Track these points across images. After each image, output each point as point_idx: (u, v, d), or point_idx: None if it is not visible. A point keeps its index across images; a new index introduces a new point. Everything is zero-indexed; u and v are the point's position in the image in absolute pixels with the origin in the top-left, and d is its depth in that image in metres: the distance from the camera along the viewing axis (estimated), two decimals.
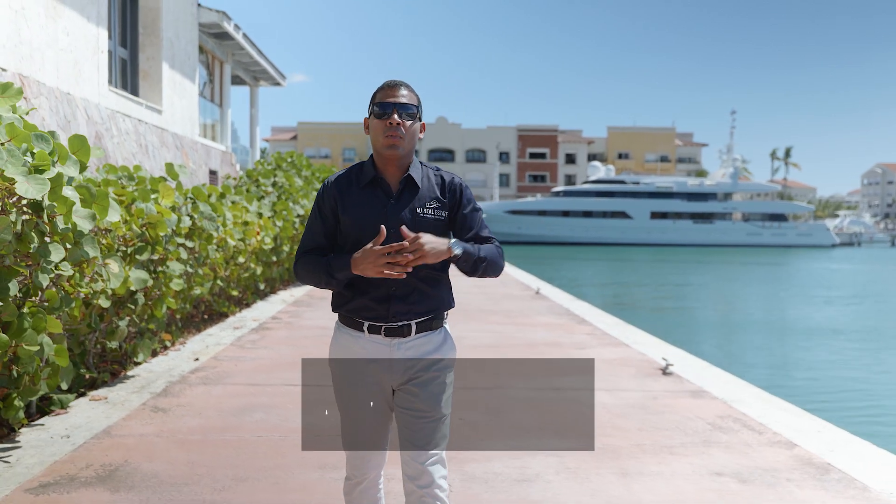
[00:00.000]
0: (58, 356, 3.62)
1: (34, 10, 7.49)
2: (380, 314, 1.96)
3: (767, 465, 3.49)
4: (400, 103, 1.95)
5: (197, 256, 6.09)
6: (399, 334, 1.97)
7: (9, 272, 3.05)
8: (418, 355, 1.99)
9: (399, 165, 2.01)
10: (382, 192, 2.00)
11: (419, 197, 2.01)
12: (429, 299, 2.00)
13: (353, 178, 2.03)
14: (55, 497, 2.97)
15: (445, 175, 2.08)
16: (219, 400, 4.58)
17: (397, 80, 2.03)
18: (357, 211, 1.98)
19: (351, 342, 2.01)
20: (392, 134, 1.95)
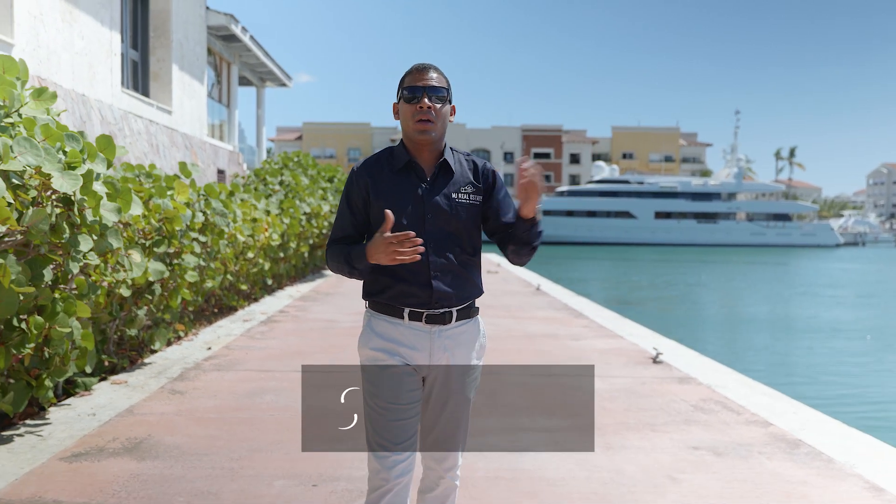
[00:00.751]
0: (84, 339, 3.91)
1: (51, 15, 7.79)
2: (422, 300, 1.92)
3: (742, 440, 3.76)
4: (430, 86, 1.92)
5: (209, 251, 6.39)
6: (441, 321, 1.94)
7: (44, 260, 3.34)
8: (457, 344, 1.97)
9: (431, 150, 1.97)
10: (416, 176, 1.96)
11: (454, 182, 1.98)
12: (467, 285, 1.98)
13: (385, 163, 1.99)
14: (87, 465, 3.26)
15: (477, 160, 2.06)
16: (231, 384, 4.87)
17: (426, 62, 1.99)
18: (391, 196, 1.93)
19: (389, 328, 1.95)
20: (423, 118, 1.91)
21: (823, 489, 3.08)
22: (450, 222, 1.94)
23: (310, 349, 6.19)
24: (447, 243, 1.94)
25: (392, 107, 2.01)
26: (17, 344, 3.32)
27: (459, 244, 1.96)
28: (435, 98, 1.92)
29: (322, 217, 11.98)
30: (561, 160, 76.22)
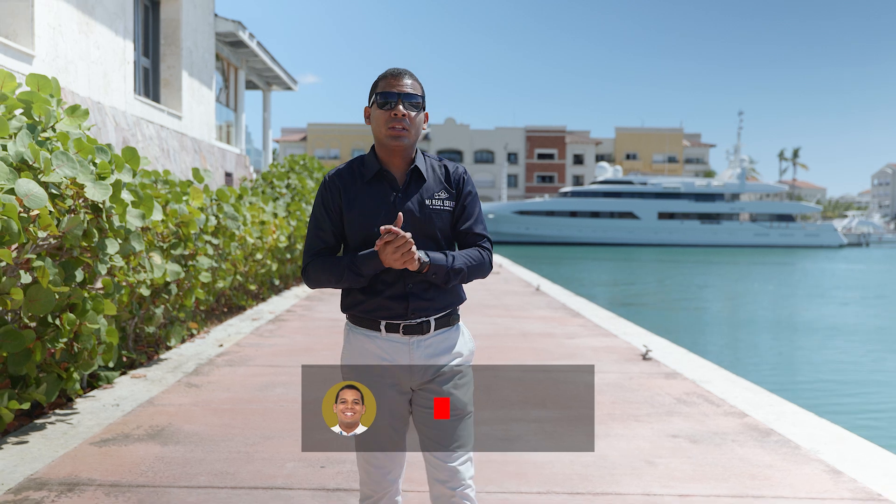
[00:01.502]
0: (109, 335, 4.23)
1: (69, 26, 8.12)
2: (398, 312, 1.89)
3: (718, 429, 4.05)
4: (405, 93, 1.88)
5: (221, 252, 6.71)
6: (418, 332, 1.90)
7: (75, 262, 3.66)
8: (438, 352, 1.93)
9: (404, 157, 1.94)
10: (388, 184, 1.93)
11: (426, 188, 1.94)
12: (446, 294, 1.94)
13: (356, 172, 1.96)
14: (115, 449, 3.57)
15: (449, 165, 2.01)
16: (243, 378, 5.19)
17: (400, 68, 1.94)
18: (364, 206, 1.91)
19: (366, 342, 1.92)
20: (398, 126, 1.87)
21: (786, 472, 3.38)
22: (424, 230, 1.90)
23: (316, 346, 6.50)
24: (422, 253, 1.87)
25: (364, 111, 1.98)
26: (52, 339, 3.63)
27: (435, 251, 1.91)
28: (409, 105, 1.89)
29: None
30: (564, 161, 76.45)
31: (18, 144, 3.26)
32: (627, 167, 77.03)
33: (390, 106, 1.88)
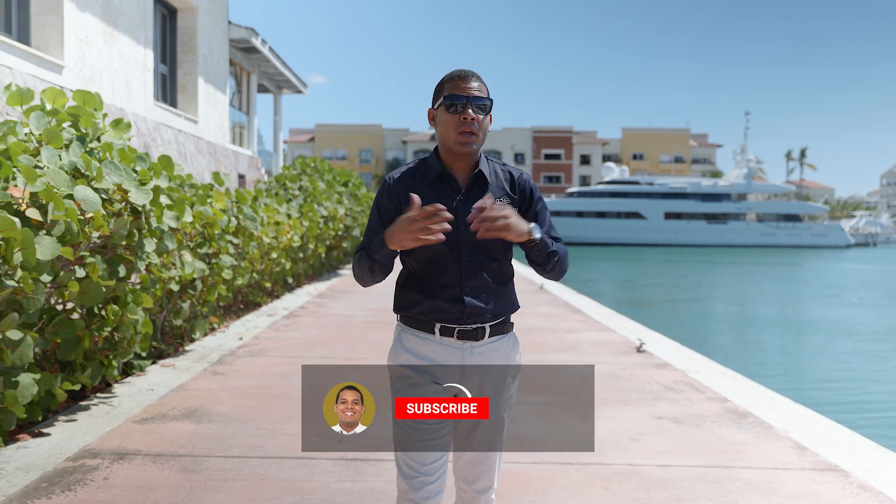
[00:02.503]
0: (145, 326, 4.65)
1: (94, 37, 8.57)
2: (453, 316, 1.87)
3: (700, 412, 4.44)
4: (474, 96, 1.84)
5: (240, 251, 7.13)
6: (472, 337, 1.88)
7: (119, 259, 4.08)
8: (490, 361, 1.92)
9: (468, 161, 1.90)
10: (450, 188, 1.90)
11: (489, 192, 1.90)
12: (501, 301, 1.93)
13: (418, 175, 1.92)
14: (155, 426, 3.99)
15: (514, 171, 1.98)
16: (264, 367, 5.60)
17: (467, 69, 1.90)
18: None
19: (420, 345, 1.90)
20: (467, 130, 1.83)
21: (757, 447, 3.76)
22: None
23: (330, 340, 6.91)
24: (481, 257, 1.88)
25: (427, 112, 1.93)
26: (98, 327, 4.06)
27: (494, 258, 1.90)
28: (478, 108, 1.84)
29: (338, 220, 12.72)
30: (571, 161, 76.74)
31: (71, 154, 3.67)
32: (634, 167, 77.23)
33: (457, 109, 1.83)
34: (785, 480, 3.29)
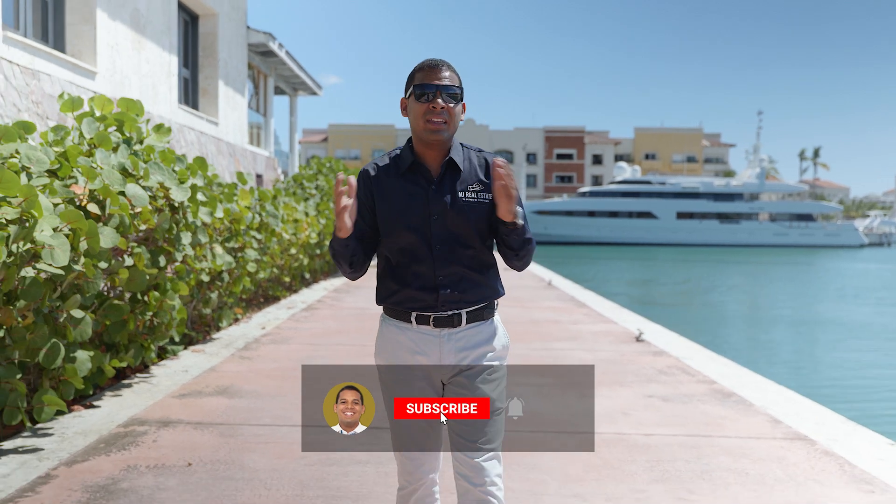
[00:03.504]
0: (180, 312, 5.10)
1: (124, 44, 9.05)
2: (428, 303, 1.89)
3: (688, 392, 4.82)
4: (443, 85, 1.85)
5: (262, 247, 7.58)
6: (449, 324, 1.90)
7: (159, 250, 4.53)
8: (469, 346, 1.91)
9: (440, 149, 1.91)
10: (423, 177, 1.91)
11: (461, 180, 1.91)
12: (479, 287, 1.93)
13: (391, 166, 1.95)
14: (192, 401, 4.43)
15: (488, 156, 1.95)
16: (287, 353, 6.04)
17: (437, 59, 1.90)
18: (397, 199, 1.91)
19: (398, 334, 1.93)
20: (436, 119, 1.84)
21: (735, 421, 4.15)
22: (456, 223, 1.89)
23: (346, 329, 7.35)
24: (454, 244, 1.89)
25: (400, 102, 1.94)
26: (141, 312, 4.51)
27: (468, 245, 1.91)
28: (448, 97, 1.86)
29: None
30: (583, 161, 76.88)
31: (119, 156, 4.12)
32: (646, 167, 77.25)
33: (428, 98, 1.84)
34: (756, 447, 3.68)
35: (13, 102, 6.60)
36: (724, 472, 3.32)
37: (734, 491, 3.09)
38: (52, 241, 2.86)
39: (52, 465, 3.27)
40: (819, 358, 11.22)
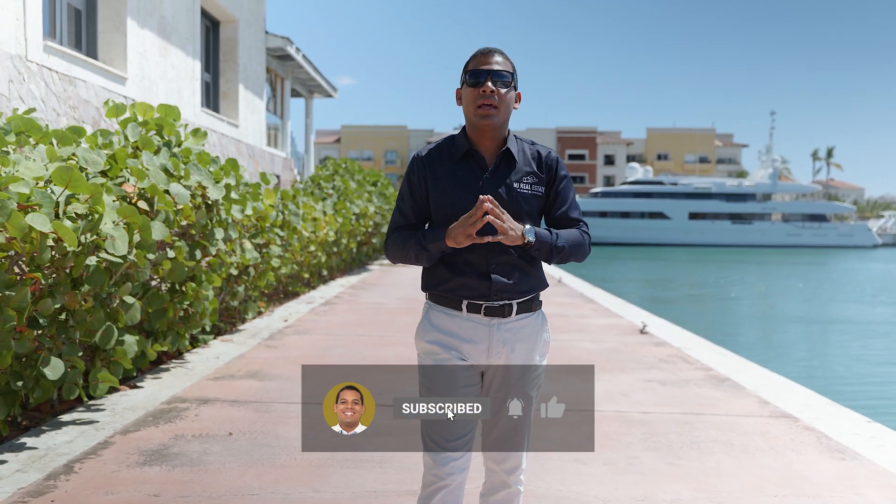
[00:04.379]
0: (211, 303, 5.50)
1: (151, 51, 9.50)
2: (481, 292, 1.90)
3: (685, 378, 5.16)
4: (494, 70, 1.87)
5: (285, 244, 7.98)
6: (500, 314, 1.91)
7: (196, 244, 4.93)
8: (517, 338, 1.94)
9: (494, 137, 1.93)
10: (477, 165, 1.93)
11: (516, 171, 1.93)
12: (529, 278, 1.95)
13: (445, 152, 1.96)
14: (227, 382, 4.83)
15: (542, 149, 1.99)
16: (310, 342, 6.43)
17: (490, 46, 1.94)
18: (450, 186, 1.91)
19: (447, 321, 1.94)
20: (486, 103, 1.86)
21: (727, 402, 4.48)
22: (511, 213, 1.89)
23: (364, 322, 7.73)
24: None
25: (455, 92, 1.97)
26: (179, 301, 4.91)
27: None
28: (499, 83, 1.87)
29: (368, 217, 13.58)
30: (595, 161, 76.99)
31: (161, 158, 4.53)
32: (659, 167, 77.26)
33: (479, 83, 1.87)
34: (743, 423, 4.02)
35: (53, 107, 7.03)
36: (712, 443, 3.66)
37: (718, 458, 3.44)
38: (114, 232, 3.25)
39: (108, 434, 3.67)
40: (821, 351, 11.49)
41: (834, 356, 10.96)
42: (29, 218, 2.71)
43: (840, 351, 11.57)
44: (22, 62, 6.61)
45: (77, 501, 2.82)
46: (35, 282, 3.00)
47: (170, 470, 3.19)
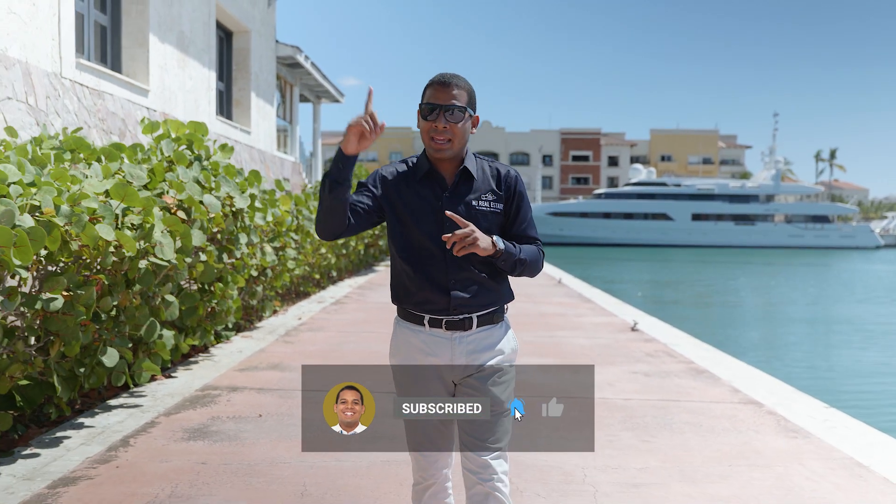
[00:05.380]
0: (235, 302, 6.02)
1: (171, 63, 10.03)
2: (441, 306, 1.96)
3: (667, 370, 5.66)
4: (446, 105, 1.91)
5: (298, 246, 8.51)
6: (460, 328, 1.97)
7: (223, 248, 5.45)
8: (480, 349, 1.99)
9: (453, 160, 2.00)
10: (437, 185, 1.99)
11: (475, 189, 2.00)
12: (489, 292, 2.01)
13: (408, 172, 2.02)
14: (251, 373, 5.35)
15: (501, 167, 2.05)
16: (324, 338, 6.95)
17: (447, 75, 1.95)
18: (411, 205, 1.97)
19: (411, 336, 2.02)
20: (439, 138, 1.92)
21: (702, 390, 4.98)
22: None
23: (372, 319, 8.24)
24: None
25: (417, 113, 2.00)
26: (208, 300, 5.43)
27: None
28: (452, 117, 1.91)
29: None
30: (599, 163, 77.40)
31: (194, 171, 5.05)
32: (662, 169, 77.65)
33: (434, 116, 1.92)
34: (714, 408, 4.52)
35: (84, 120, 7.57)
36: (683, 424, 4.16)
37: (687, 436, 3.94)
38: (163, 239, 3.77)
39: (153, 415, 4.19)
40: (803, 347, 11.96)
41: (811, 351, 11.42)
42: (98, 228, 3.23)
43: (824, 348, 12.04)
44: (57, 79, 7.15)
45: (137, 467, 3.34)
46: (98, 282, 3.52)
47: (211, 444, 3.71)
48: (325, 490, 3.12)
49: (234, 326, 7.17)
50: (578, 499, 3.06)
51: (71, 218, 3.05)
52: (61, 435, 3.76)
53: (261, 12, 14.38)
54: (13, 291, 2.94)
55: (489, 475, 1.94)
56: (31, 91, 6.57)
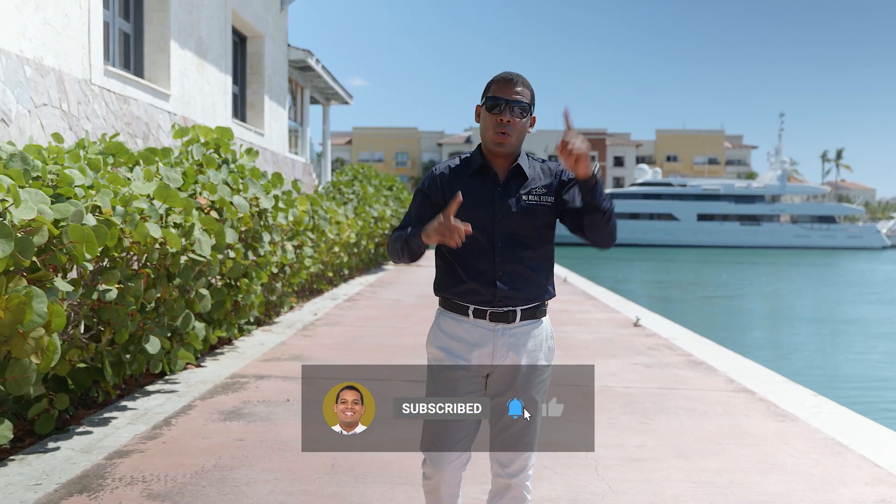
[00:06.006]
0: (258, 297, 6.37)
1: (190, 69, 10.40)
2: (486, 298, 1.99)
3: (666, 362, 5.98)
4: (513, 100, 1.97)
5: (314, 245, 8.86)
6: (504, 320, 2.00)
7: (248, 246, 5.80)
8: (520, 343, 2.02)
9: (507, 156, 2.05)
10: (490, 180, 2.04)
11: (526, 185, 2.04)
12: (534, 286, 2.04)
13: (461, 167, 2.08)
14: (274, 363, 5.69)
15: (552, 165, 2.11)
16: (340, 332, 7.30)
17: (513, 73, 2.02)
18: (465, 198, 1.99)
19: (454, 326, 2.05)
20: (502, 131, 1.98)
21: (698, 380, 5.31)
22: (520, 224, 2.02)
23: (384, 316, 8.59)
24: (515, 244, 2.01)
25: (475, 108, 2.07)
26: (234, 294, 5.78)
27: (528, 246, 2.03)
28: (516, 112, 1.98)
29: (385, 220, 14.46)
30: (605, 163, 77.57)
31: (222, 174, 5.40)
32: (668, 169, 77.77)
33: (498, 110, 1.98)
34: (709, 396, 4.84)
35: (112, 125, 7.93)
36: (679, 409, 4.49)
37: (682, 419, 4.27)
38: (201, 237, 4.12)
39: (190, 399, 4.54)
40: (803, 343, 12.24)
41: (813, 350, 11.71)
42: (148, 226, 3.59)
43: (829, 346, 12.31)
44: (87, 85, 7.52)
45: (182, 443, 3.70)
46: (145, 276, 3.87)
47: (246, 424, 4.06)
48: (353, 462, 3.47)
49: (255, 321, 7.52)
50: (581, 470, 3.39)
51: (125, 217, 3.40)
52: (108, 416, 4.11)
53: (274, 17, 14.75)
54: (76, 283, 3.29)
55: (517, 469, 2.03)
56: (64, 97, 6.94)
